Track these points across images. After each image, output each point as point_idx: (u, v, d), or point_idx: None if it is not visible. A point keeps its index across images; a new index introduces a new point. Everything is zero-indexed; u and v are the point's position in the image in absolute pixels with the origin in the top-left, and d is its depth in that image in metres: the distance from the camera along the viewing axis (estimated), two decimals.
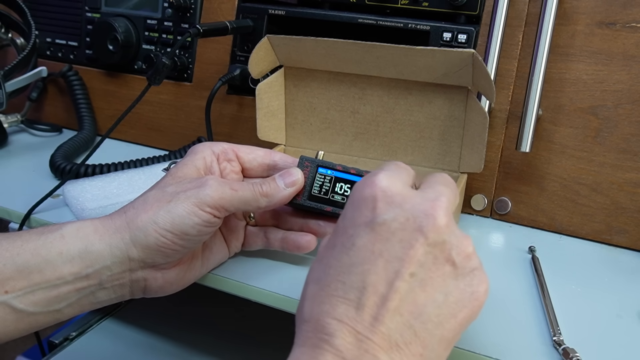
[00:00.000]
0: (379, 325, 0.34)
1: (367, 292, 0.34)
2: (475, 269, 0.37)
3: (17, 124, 0.92)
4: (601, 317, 0.51)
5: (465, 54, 0.57)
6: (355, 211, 0.37)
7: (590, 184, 0.64)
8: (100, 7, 0.90)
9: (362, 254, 0.35)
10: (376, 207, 0.36)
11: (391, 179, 0.37)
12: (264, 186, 0.50)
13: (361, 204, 0.37)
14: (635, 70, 0.62)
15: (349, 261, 0.35)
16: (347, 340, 0.34)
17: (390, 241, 0.35)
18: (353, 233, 0.36)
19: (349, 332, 0.34)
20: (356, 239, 0.35)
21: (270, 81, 0.68)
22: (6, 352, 1.19)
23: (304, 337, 0.36)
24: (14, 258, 0.45)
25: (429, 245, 0.36)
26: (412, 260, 0.35)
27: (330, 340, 0.34)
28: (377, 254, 0.35)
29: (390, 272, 0.35)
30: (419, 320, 0.35)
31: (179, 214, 0.46)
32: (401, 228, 0.35)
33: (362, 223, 0.36)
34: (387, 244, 0.35)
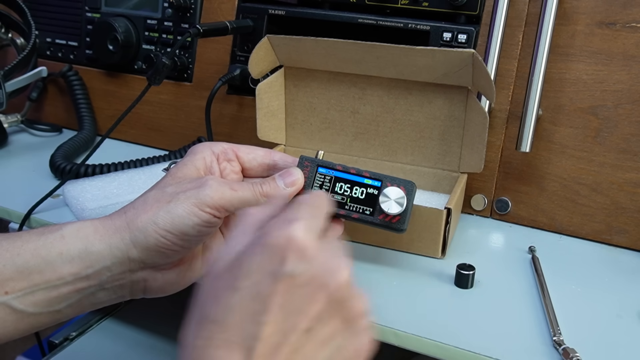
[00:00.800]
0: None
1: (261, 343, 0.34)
2: (366, 328, 0.38)
3: (17, 124, 0.92)
4: (601, 317, 0.51)
5: (465, 54, 0.57)
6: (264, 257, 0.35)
7: (590, 184, 0.64)
8: (100, 7, 0.90)
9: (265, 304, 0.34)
10: (287, 258, 0.35)
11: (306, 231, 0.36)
12: (264, 186, 0.50)
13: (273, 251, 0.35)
14: (635, 70, 0.62)
15: (252, 309, 0.34)
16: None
17: (295, 295, 0.35)
18: (260, 280, 0.35)
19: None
20: (261, 288, 0.34)
21: (270, 81, 0.68)
22: (6, 352, 1.19)
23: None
24: (14, 258, 0.45)
25: (329, 303, 0.36)
26: (311, 315, 0.35)
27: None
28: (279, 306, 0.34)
29: (288, 325, 0.34)
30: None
31: (178, 214, 0.46)
32: (307, 283, 0.35)
33: (269, 271, 0.35)
34: (291, 297, 0.35)
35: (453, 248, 0.61)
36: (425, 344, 0.47)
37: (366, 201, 0.52)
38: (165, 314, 0.84)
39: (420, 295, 0.53)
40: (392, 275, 0.56)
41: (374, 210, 0.51)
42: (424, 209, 0.57)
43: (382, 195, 0.51)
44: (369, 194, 0.52)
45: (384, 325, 0.49)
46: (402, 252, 0.60)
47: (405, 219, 0.51)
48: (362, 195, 0.52)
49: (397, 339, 0.48)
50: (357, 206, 0.52)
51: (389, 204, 0.51)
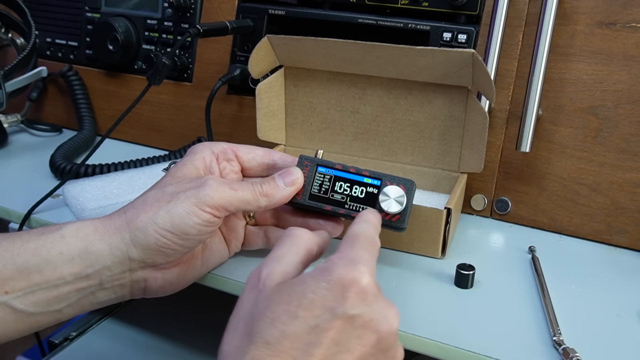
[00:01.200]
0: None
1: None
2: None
3: (17, 124, 0.92)
4: (601, 317, 0.51)
5: (465, 54, 0.57)
6: (328, 291, 0.37)
7: (590, 184, 0.64)
8: (100, 7, 0.90)
9: (321, 337, 0.36)
10: (349, 297, 0.37)
11: (370, 274, 0.38)
12: (264, 186, 0.50)
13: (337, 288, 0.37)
14: (635, 70, 0.62)
15: (307, 340, 0.35)
16: None
17: (349, 333, 0.36)
18: (320, 314, 0.36)
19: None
20: (321, 322, 0.36)
21: (270, 81, 0.68)
22: (6, 352, 1.19)
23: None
24: (14, 258, 0.45)
25: (376, 347, 0.37)
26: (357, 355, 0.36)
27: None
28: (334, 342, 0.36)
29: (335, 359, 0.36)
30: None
31: (178, 214, 0.46)
32: (363, 325, 0.37)
33: (331, 307, 0.36)
34: (346, 335, 0.36)
35: (453, 248, 0.61)
36: (425, 344, 0.47)
37: (366, 200, 0.52)
38: (165, 314, 0.84)
39: (420, 295, 0.53)
40: (392, 275, 0.56)
41: (374, 209, 0.51)
42: (424, 209, 0.57)
43: (381, 194, 0.51)
44: (368, 193, 0.52)
45: None
46: (401, 252, 0.60)
47: (405, 217, 0.51)
48: (362, 194, 0.52)
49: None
50: (357, 205, 0.52)
51: (389, 203, 0.51)
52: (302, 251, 0.41)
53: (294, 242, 0.41)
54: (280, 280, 0.38)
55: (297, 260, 0.40)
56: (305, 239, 0.42)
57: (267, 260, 0.40)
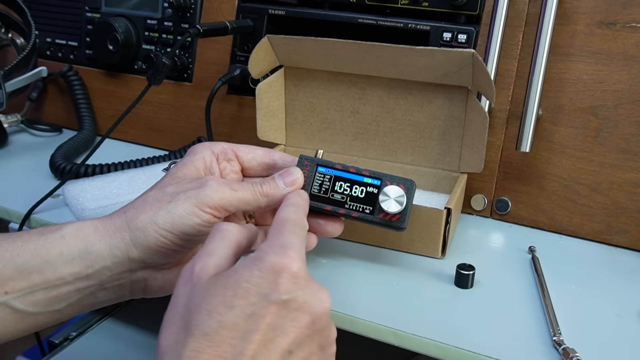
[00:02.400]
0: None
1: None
2: (332, 354, 0.41)
3: (17, 124, 0.92)
4: (601, 317, 0.51)
5: (465, 54, 0.57)
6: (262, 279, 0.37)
7: (590, 184, 0.64)
8: (100, 7, 0.90)
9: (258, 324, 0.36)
10: (281, 283, 0.37)
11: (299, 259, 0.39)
12: (264, 186, 0.50)
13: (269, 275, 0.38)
14: (635, 70, 0.62)
15: (245, 327, 0.36)
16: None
17: (284, 317, 0.37)
18: (255, 302, 0.37)
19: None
20: (257, 309, 0.36)
21: (270, 81, 0.68)
22: (6, 352, 1.19)
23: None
24: (14, 259, 0.45)
25: (314, 330, 0.38)
26: (294, 337, 0.37)
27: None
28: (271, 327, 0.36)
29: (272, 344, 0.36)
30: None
31: (179, 214, 0.46)
32: (297, 308, 0.37)
33: (265, 294, 0.37)
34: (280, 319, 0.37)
35: (453, 248, 0.61)
36: (425, 344, 0.47)
37: (366, 200, 0.52)
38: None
39: (420, 295, 0.53)
40: (392, 275, 0.56)
41: (374, 209, 0.51)
42: (424, 209, 0.57)
43: (381, 193, 0.51)
44: (368, 193, 0.52)
45: (384, 325, 0.49)
46: (401, 252, 0.60)
47: (405, 217, 0.51)
48: (362, 194, 0.52)
49: (397, 339, 0.48)
50: (357, 205, 0.52)
51: (389, 203, 0.51)
52: (233, 244, 0.42)
53: (224, 236, 0.42)
54: (213, 273, 0.39)
55: (228, 254, 0.41)
56: (234, 232, 0.42)
57: (199, 254, 0.41)
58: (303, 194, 0.48)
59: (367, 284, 0.55)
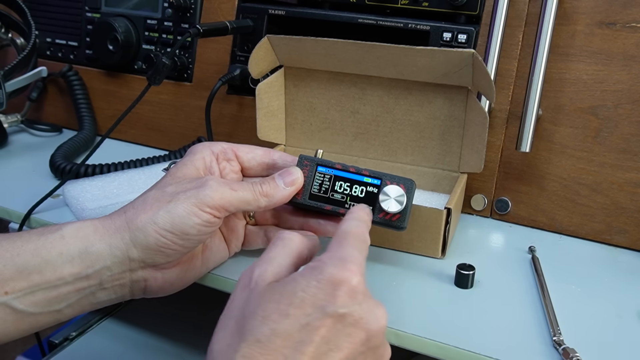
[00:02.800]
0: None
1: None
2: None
3: (17, 124, 0.92)
4: (601, 317, 0.51)
5: (465, 54, 0.57)
6: (319, 290, 0.37)
7: (590, 184, 0.64)
8: (100, 7, 0.90)
9: (313, 335, 0.36)
10: (339, 296, 0.37)
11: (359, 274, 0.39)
12: (264, 186, 0.50)
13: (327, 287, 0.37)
14: (635, 70, 0.62)
15: (299, 338, 0.36)
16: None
17: (339, 331, 0.37)
18: (311, 313, 0.36)
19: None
20: (312, 320, 0.36)
21: (270, 81, 0.68)
22: (6, 352, 1.19)
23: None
24: (14, 259, 0.45)
25: (369, 347, 0.38)
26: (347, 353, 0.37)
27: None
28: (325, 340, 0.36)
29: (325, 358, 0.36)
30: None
31: (178, 214, 0.46)
32: (353, 324, 0.37)
33: (322, 306, 0.36)
34: (334, 332, 0.37)
35: (453, 248, 0.61)
36: (425, 344, 0.47)
37: (366, 199, 0.52)
38: (165, 314, 0.84)
39: (420, 295, 0.53)
40: (392, 275, 0.56)
41: (374, 208, 0.51)
42: (424, 209, 0.57)
43: (381, 193, 0.51)
44: (368, 193, 0.52)
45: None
46: (401, 252, 0.60)
47: (405, 217, 0.51)
48: (362, 193, 0.52)
49: (397, 339, 0.48)
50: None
51: (389, 202, 0.51)
52: (294, 253, 0.42)
53: (286, 245, 0.42)
54: (271, 280, 0.39)
55: (288, 262, 0.41)
56: (296, 242, 0.42)
57: (259, 261, 0.40)
58: (366, 208, 0.47)
59: (367, 284, 0.55)
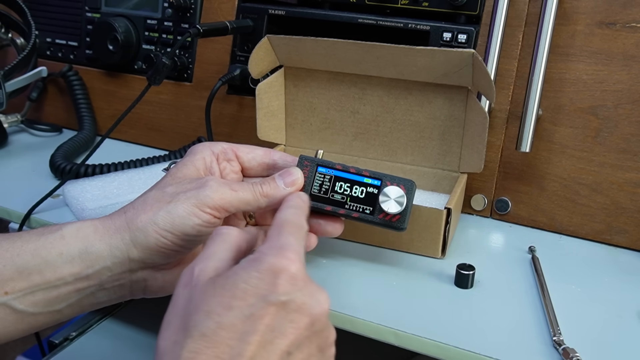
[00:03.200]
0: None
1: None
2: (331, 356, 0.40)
3: (17, 124, 0.92)
4: (601, 317, 0.51)
5: (465, 54, 0.57)
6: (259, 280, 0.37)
7: (590, 184, 0.64)
8: (100, 7, 0.90)
9: (257, 325, 0.36)
10: (279, 285, 0.37)
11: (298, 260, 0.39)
12: (264, 186, 0.50)
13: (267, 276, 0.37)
14: (635, 70, 0.62)
15: (242, 329, 0.36)
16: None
17: (282, 319, 0.37)
18: (253, 303, 0.37)
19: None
20: (255, 310, 0.36)
21: (270, 81, 0.68)
22: (6, 352, 1.19)
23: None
24: (14, 259, 0.45)
25: (313, 331, 0.38)
26: (292, 339, 0.37)
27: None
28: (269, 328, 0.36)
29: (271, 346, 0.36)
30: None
31: (179, 214, 0.46)
32: (296, 310, 0.37)
33: (263, 296, 0.37)
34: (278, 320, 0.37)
35: (453, 248, 0.61)
36: (425, 344, 0.47)
37: (366, 200, 0.52)
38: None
39: (420, 295, 0.53)
40: (392, 275, 0.56)
41: (374, 209, 0.51)
42: (424, 209, 0.57)
43: (382, 194, 0.51)
44: (368, 193, 0.52)
45: (384, 325, 0.49)
46: (402, 252, 0.60)
47: (406, 217, 0.51)
48: (362, 194, 0.52)
49: (397, 339, 0.48)
50: (357, 205, 0.52)
51: (389, 203, 0.51)
52: (232, 247, 0.42)
53: (225, 240, 0.42)
54: (213, 275, 0.39)
55: (228, 257, 0.41)
56: (233, 236, 0.42)
57: (198, 258, 0.41)
58: (303, 195, 0.48)
59: (367, 284, 0.55)
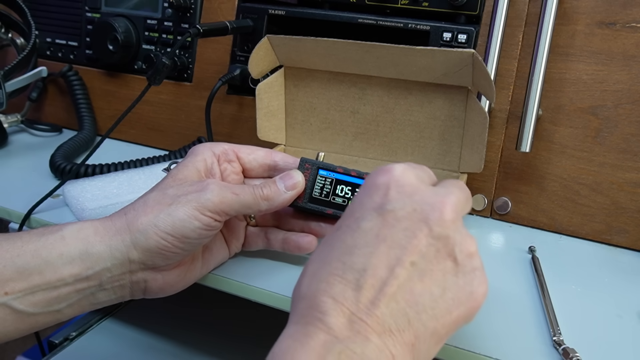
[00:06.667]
0: (374, 309, 0.34)
1: (367, 275, 0.35)
2: (476, 269, 0.37)
3: (17, 124, 0.92)
4: (601, 317, 0.51)
5: (465, 54, 0.57)
6: (365, 196, 0.37)
7: (590, 184, 0.64)
8: (100, 7, 0.90)
9: (367, 237, 0.35)
10: (387, 194, 0.37)
11: (406, 171, 0.38)
12: (265, 189, 0.49)
13: (372, 190, 0.37)
14: (635, 70, 0.62)
15: (352, 242, 0.35)
16: (340, 320, 0.34)
17: (395, 228, 0.35)
18: (360, 216, 0.36)
19: (343, 312, 0.34)
20: (362, 222, 0.36)
21: (270, 81, 0.68)
22: (6, 352, 1.19)
23: (299, 314, 0.36)
24: (14, 259, 0.45)
25: (432, 237, 0.36)
26: (414, 249, 0.35)
27: (324, 318, 0.34)
28: (380, 239, 0.35)
29: (392, 258, 0.35)
30: (414, 310, 0.35)
31: (179, 217, 0.46)
32: (407, 217, 0.36)
33: (371, 207, 0.36)
34: (392, 230, 0.35)
35: None
36: None
37: None
38: (165, 314, 0.84)
39: None
40: None
41: None
42: None
43: None
44: None
45: None
46: None
47: None
48: None
49: None
50: None
51: None
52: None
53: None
54: None
55: None
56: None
57: None
58: None
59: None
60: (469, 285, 0.37)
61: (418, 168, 0.40)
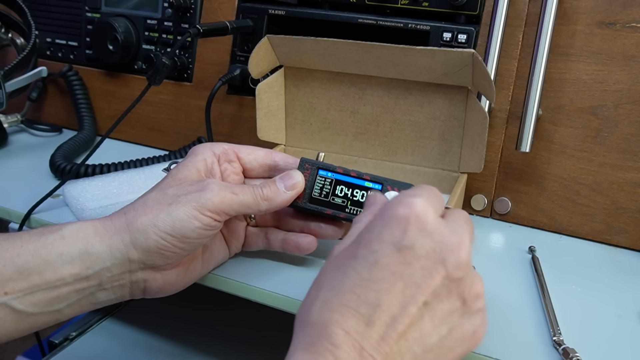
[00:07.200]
0: (383, 345, 0.35)
1: (380, 311, 0.35)
2: (480, 310, 0.39)
3: (17, 124, 0.92)
4: (601, 317, 0.51)
5: (465, 54, 0.57)
6: (384, 227, 0.37)
7: (590, 184, 0.64)
8: (100, 7, 0.90)
9: (383, 272, 0.35)
10: (407, 229, 0.36)
11: (427, 206, 0.38)
12: (265, 190, 0.50)
13: (392, 222, 0.37)
14: (635, 70, 0.62)
15: (368, 276, 0.35)
16: (351, 355, 0.34)
17: (413, 266, 0.36)
18: (378, 249, 0.36)
19: (354, 346, 0.35)
20: (380, 256, 0.36)
21: (270, 81, 0.68)
22: (6, 352, 1.19)
23: (307, 341, 0.36)
24: (13, 259, 0.45)
25: (447, 279, 0.37)
26: (428, 288, 0.36)
27: (335, 351, 0.34)
28: (397, 276, 0.36)
29: (407, 296, 0.35)
30: (422, 349, 0.36)
31: (179, 217, 0.46)
32: (426, 256, 0.36)
33: (389, 241, 0.36)
34: (409, 267, 0.36)
35: None
36: None
37: None
38: (165, 314, 0.84)
39: None
40: None
41: None
42: None
43: None
44: None
45: None
46: None
47: None
48: (363, 198, 0.52)
49: None
50: (358, 209, 0.52)
51: None
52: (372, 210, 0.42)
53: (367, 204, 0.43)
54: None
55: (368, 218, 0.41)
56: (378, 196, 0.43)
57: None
58: None
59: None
60: (473, 325, 0.38)
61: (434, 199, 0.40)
